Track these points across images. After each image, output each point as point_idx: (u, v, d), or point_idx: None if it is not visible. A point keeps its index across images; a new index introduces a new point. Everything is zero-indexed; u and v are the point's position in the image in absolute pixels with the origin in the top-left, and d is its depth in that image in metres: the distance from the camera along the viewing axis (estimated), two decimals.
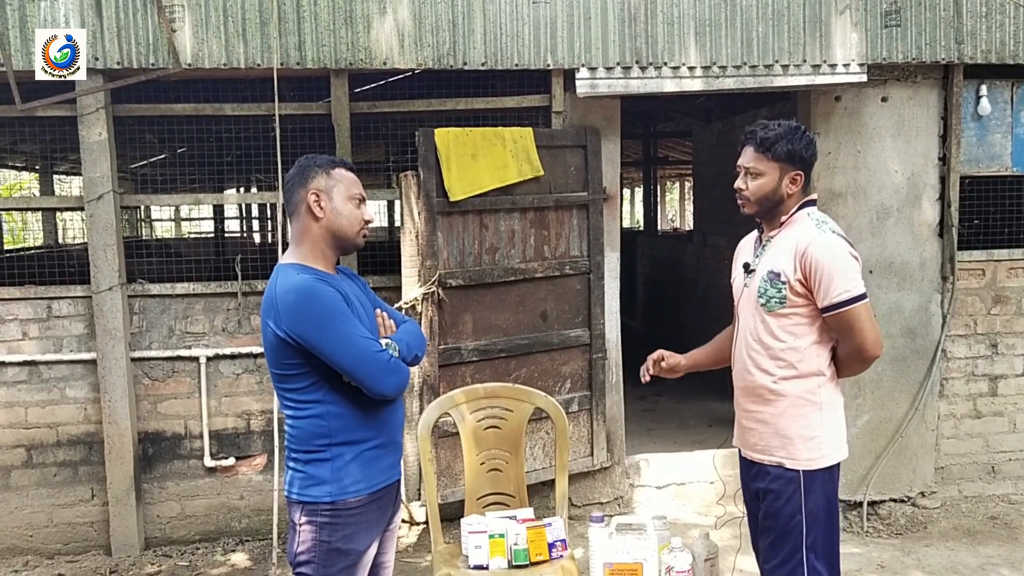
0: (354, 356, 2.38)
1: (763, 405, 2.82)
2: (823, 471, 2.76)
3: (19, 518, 4.83)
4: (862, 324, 2.67)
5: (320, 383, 2.44)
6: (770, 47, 4.87)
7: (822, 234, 2.71)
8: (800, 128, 2.79)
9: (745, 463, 2.96)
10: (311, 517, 2.47)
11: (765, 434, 2.82)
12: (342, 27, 4.65)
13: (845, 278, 2.65)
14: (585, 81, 4.83)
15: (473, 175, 4.64)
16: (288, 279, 2.43)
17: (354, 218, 2.54)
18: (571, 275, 5.01)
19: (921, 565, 4.56)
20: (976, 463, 5.44)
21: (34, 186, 13.89)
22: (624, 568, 3.08)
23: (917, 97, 5.20)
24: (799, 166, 2.76)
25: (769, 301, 2.76)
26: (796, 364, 2.75)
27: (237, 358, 4.92)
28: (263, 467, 4.98)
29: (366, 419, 2.50)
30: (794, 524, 2.74)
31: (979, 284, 5.38)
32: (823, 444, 2.76)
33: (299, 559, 2.49)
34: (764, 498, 2.84)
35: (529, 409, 3.69)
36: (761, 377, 2.81)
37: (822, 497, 2.75)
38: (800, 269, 2.69)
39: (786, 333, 2.75)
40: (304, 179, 2.52)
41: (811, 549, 2.73)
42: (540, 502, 4.92)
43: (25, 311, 4.80)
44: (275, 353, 2.44)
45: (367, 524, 2.53)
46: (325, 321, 2.37)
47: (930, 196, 5.24)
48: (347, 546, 2.48)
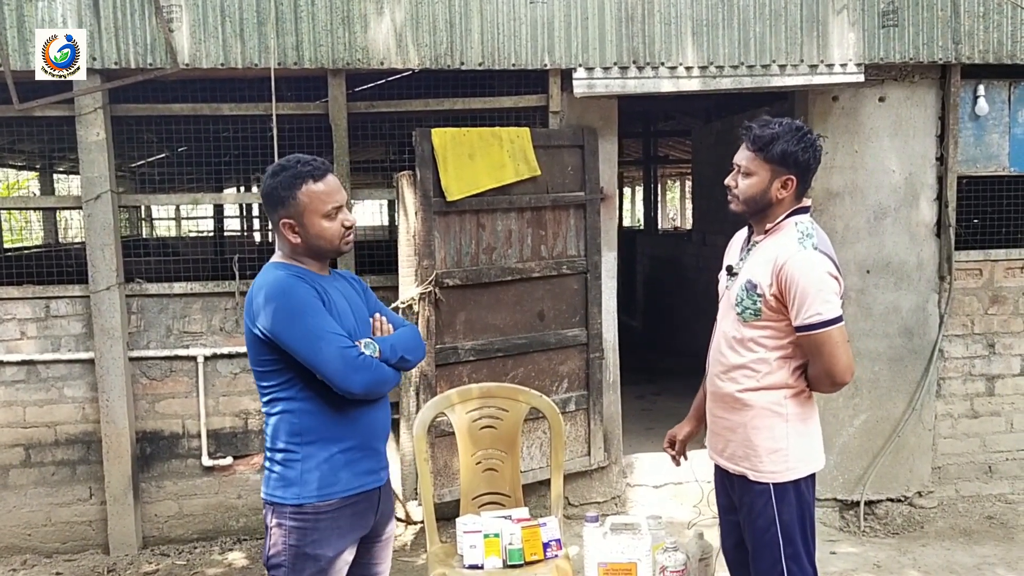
0: (320, 351, 2.34)
1: (730, 413, 2.77)
2: (794, 483, 2.70)
3: (17, 517, 4.84)
4: (832, 349, 2.57)
5: (294, 380, 2.42)
6: (767, 47, 4.87)
7: (803, 250, 2.59)
8: (802, 129, 2.65)
9: (717, 467, 2.93)
10: (280, 519, 2.44)
11: (732, 442, 2.78)
12: (339, 27, 4.65)
13: (819, 299, 2.54)
14: (582, 81, 4.83)
15: (470, 175, 4.65)
16: (267, 276, 2.45)
17: (332, 234, 2.47)
18: (568, 275, 5.02)
19: (917, 564, 4.57)
20: (973, 463, 5.44)
21: (35, 185, 13.90)
22: (618, 568, 3.09)
23: (915, 97, 5.20)
24: (793, 170, 2.64)
25: (744, 311, 2.69)
26: (762, 376, 2.69)
27: (235, 357, 4.93)
28: (260, 466, 4.99)
29: (339, 420, 2.46)
30: (770, 536, 2.69)
31: (976, 284, 5.38)
32: (789, 457, 2.69)
33: (271, 561, 2.47)
34: (740, 508, 2.81)
35: (525, 409, 3.69)
36: (728, 385, 2.76)
37: (795, 508, 2.69)
38: (776, 284, 2.61)
39: (757, 345, 2.68)
40: (273, 204, 2.46)
41: (791, 559, 2.68)
42: (537, 501, 4.93)
43: (23, 310, 4.81)
44: (252, 350, 2.45)
45: (339, 530, 2.47)
46: (294, 316, 2.35)
47: (928, 196, 5.25)
48: (315, 551, 2.44)
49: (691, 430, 3.14)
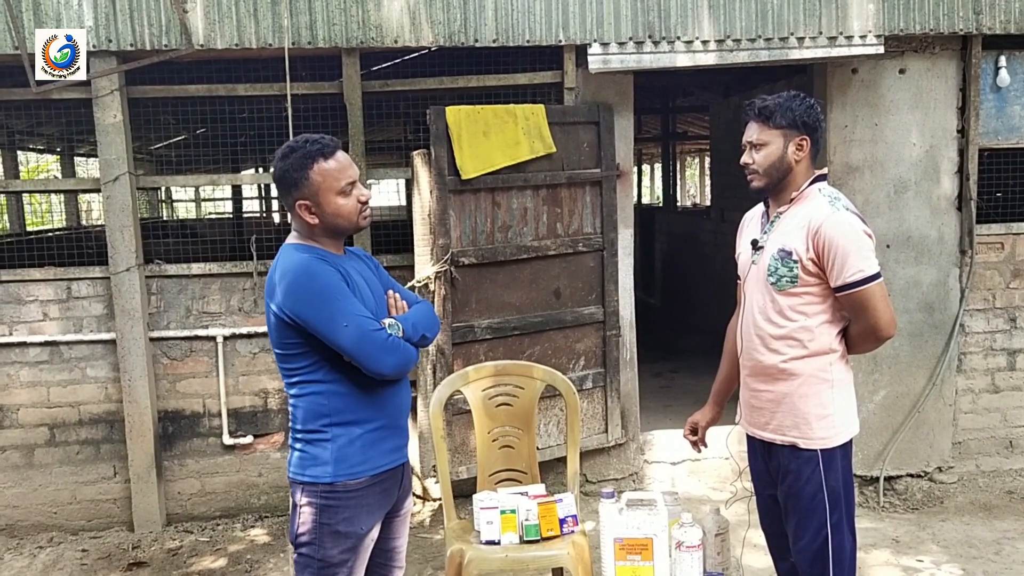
0: (350, 335, 2.36)
1: (773, 384, 2.79)
2: (840, 448, 2.74)
3: (43, 495, 4.93)
4: (876, 303, 2.63)
5: (320, 363, 2.44)
6: (785, 19, 4.81)
7: (836, 211, 2.65)
8: (798, 95, 2.76)
9: (754, 443, 2.94)
10: (311, 498, 2.46)
11: (777, 414, 2.79)
12: (353, 5, 4.64)
13: (859, 256, 2.60)
14: (597, 57, 4.79)
15: (485, 153, 4.63)
16: (288, 259, 2.43)
17: (348, 210, 2.46)
18: (584, 252, 5.01)
19: (937, 539, 4.56)
20: (994, 438, 5.41)
21: (56, 168, 14.02)
22: (634, 543, 3.10)
23: (935, 69, 5.12)
24: (803, 130, 2.72)
25: (780, 280, 2.71)
26: (807, 343, 2.71)
27: (253, 337, 4.97)
28: (280, 444, 5.05)
29: (367, 400, 2.49)
30: (816, 503, 2.73)
31: (998, 258, 5.32)
32: (836, 422, 2.74)
33: (300, 539, 2.49)
34: (784, 479, 2.81)
35: (540, 386, 3.70)
36: (771, 357, 2.77)
37: (840, 474, 2.74)
38: (813, 247, 2.64)
39: (796, 312, 2.71)
40: (286, 187, 2.45)
41: (835, 526, 2.73)
42: (555, 478, 4.96)
43: (46, 292, 4.87)
44: (276, 333, 2.45)
45: (368, 507, 2.52)
46: (321, 300, 2.35)
47: (948, 169, 5.18)
48: (347, 528, 2.47)
49: (713, 416, 3.17)
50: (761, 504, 3.02)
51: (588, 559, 3.27)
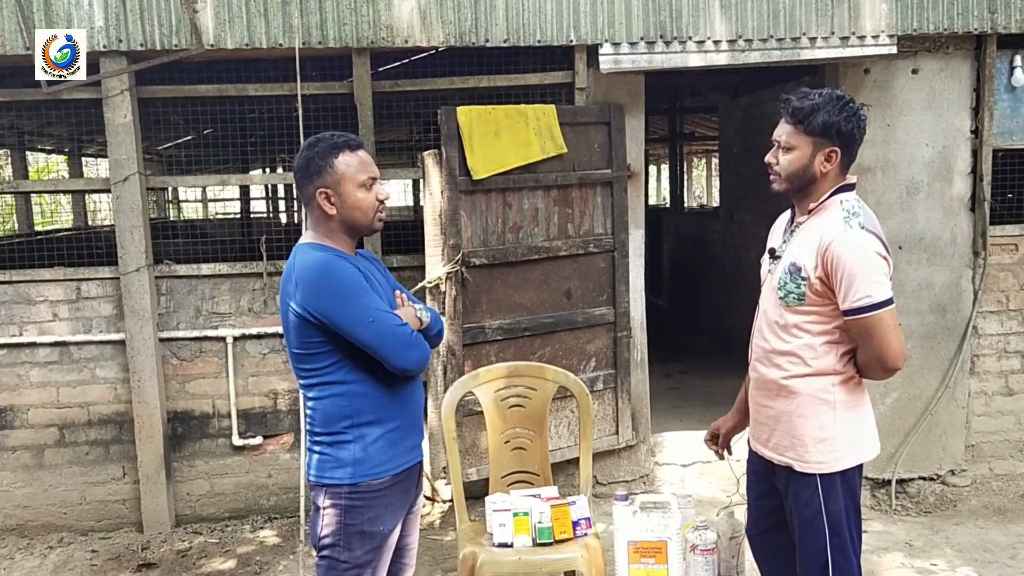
0: (376, 330, 2.37)
1: (774, 400, 2.66)
2: (841, 473, 2.58)
3: (53, 496, 4.92)
4: (883, 333, 2.44)
5: (342, 362, 2.43)
6: (797, 19, 4.78)
7: (848, 229, 2.46)
8: (843, 98, 2.53)
9: (755, 456, 2.82)
10: (335, 500, 2.46)
11: (776, 432, 2.66)
12: (363, 5, 4.62)
13: (868, 281, 2.42)
14: (608, 57, 4.77)
15: (496, 153, 4.62)
16: (307, 257, 2.42)
17: (367, 205, 2.49)
18: (595, 253, 4.99)
19: (950, 543, 4.52)
20: (1007, 441, 5.36)
21: (64, 168, 14.05)
22: (648, 546, 3.08)
23: (948, 69, 5.09)
24: (836, 141, 2.51)
25: (788, 296, 2.57)
26: (809, 361, 2.56)
27: (263, 338, 4.96)
28: (290, 445, 5.03)
29: (387, 399, 2.49)
30: (816, 527, 2.59)
31: (1012, 259, 5.28)
32: (838, 446, 2.57)
33: (323, 542, 2.48)
34: (785, 497, 2.71)
35: (553, 388, 3.68)
36: (773, 372, 2.64)
37: (842, 499, 2.59)
38: (822, 266, 2.48)
39: (801, 331, 2.56)
40: (309, 175, 2.46)
41: (837, 549, 2.58)
42: (565, 480, 4.93)
43: (55, 292, 4.87)
44: (295, 332, 2.43)
45: (391, 506, 2.53)
46: (345, 297, 2.36)
47: (961, 170, 5.15)
48: (372, 528, 2.48)
49: (735, 424, 3.00)
50: (753, 512, 2.90)
51: (601, 562, 3.25)
